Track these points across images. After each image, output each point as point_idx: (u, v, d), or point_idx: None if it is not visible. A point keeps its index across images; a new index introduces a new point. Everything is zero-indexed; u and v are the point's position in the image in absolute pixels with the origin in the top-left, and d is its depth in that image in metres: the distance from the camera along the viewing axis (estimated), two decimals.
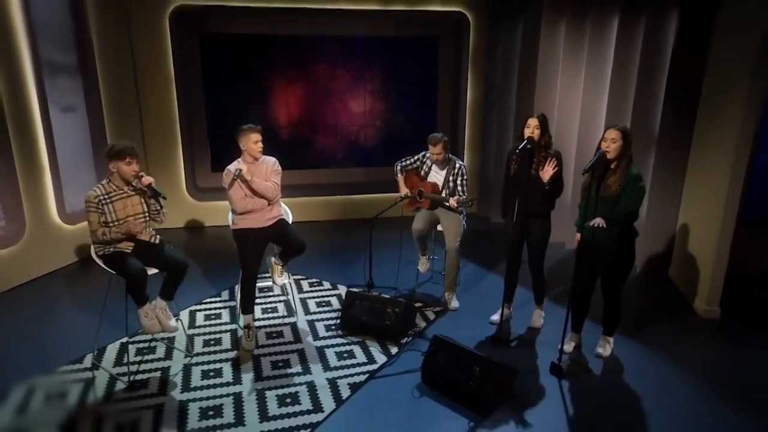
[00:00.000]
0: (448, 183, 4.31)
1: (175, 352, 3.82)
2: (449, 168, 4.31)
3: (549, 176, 3.62)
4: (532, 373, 3.60)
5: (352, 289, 4.45)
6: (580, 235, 3.60)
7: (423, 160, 4.44)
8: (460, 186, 4.27)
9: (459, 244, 4.33)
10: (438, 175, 4.36)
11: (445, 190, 4.32)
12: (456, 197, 4.20)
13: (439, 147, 4.23)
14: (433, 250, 4.80)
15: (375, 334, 3.98)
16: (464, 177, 4.28)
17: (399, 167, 4.53)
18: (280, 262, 4.06)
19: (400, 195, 4.48)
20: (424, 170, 4.42)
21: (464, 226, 4.39)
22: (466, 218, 4.45)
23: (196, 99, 6.31)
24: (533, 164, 3.73)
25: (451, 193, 4.31)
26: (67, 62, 5.25)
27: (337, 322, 4.21)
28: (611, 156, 3.32)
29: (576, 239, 3.70)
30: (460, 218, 4.36)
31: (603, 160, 3.35)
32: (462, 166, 4.29)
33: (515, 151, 3.73)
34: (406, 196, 4.46)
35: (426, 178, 4.41)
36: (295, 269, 4.97)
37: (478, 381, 3.18)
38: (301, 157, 6.76)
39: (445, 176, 4.31)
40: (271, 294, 4.74)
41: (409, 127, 6.88)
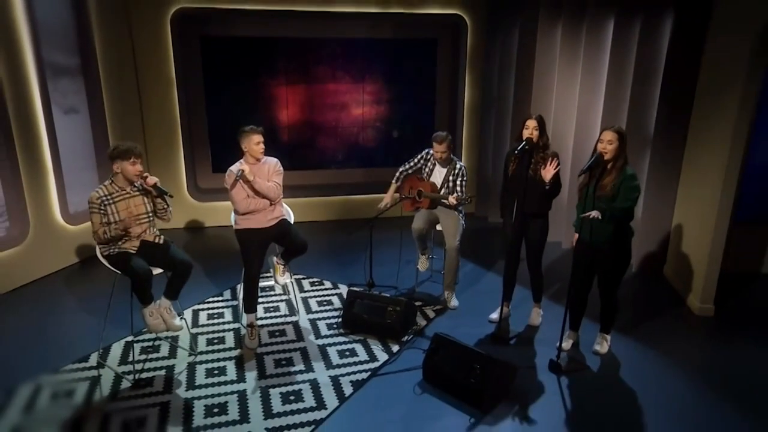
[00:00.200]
0: (448, 182, 4.36)
1: (179, 350, 3.87)
2: (450, 167, 4.36)
3: (551, 176, 3.66)
4: (531, 370, 3.66)
5: (353, 288, 4.50)
6: (578, 236, 3.67)
7: (426, 157, 4.48)
8: (459, 186, 4.32)
9: (458, 244, 4.38)
10: (439, 173, 4.42)
11: (444, 189, 4.37)
12: (455, 195, 4.25)
13: (444, 145, 4.28)
14: (433, 250, 4.86)
15: (376, 332, 4.03)
16: (464, 178, 4.33)
17: (399, 174, 4.58)
18: (282, 261, 4.11)
19: (384, 203, 4.50)
20: (428, 168, 4.47)
21: (463, 225, 4.44)
22: (465, 218, 4.51)
23: (197, 100, 6.35)
24: (531, 165, 3.79)
25: (450, 192, 4.35)
26: (70, 64, 5.29)
27: (339, 320, 4.26)
28: (608, 157, 3.38)
29: (573, 239, 3.76)
30: (459, 218, 4.42)
31: (600, 161, 3.41)
32: (462, 167, 4.34)
33: (514, 152, 3.78)
34: (386, 206, 4.48)
35: (429, 177, 4.46)
36: (297, 269, 5.01)
37: (479, 378, 3.23)
38: (301, 158, 6.80)
39: (445, 175, 4.37)
40: (273, 293, 4.79)
41: (409, 128, 6.94)
